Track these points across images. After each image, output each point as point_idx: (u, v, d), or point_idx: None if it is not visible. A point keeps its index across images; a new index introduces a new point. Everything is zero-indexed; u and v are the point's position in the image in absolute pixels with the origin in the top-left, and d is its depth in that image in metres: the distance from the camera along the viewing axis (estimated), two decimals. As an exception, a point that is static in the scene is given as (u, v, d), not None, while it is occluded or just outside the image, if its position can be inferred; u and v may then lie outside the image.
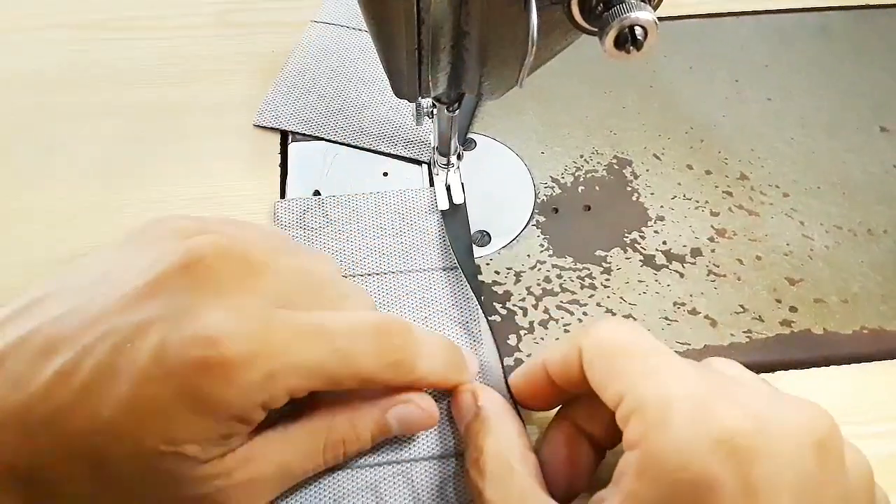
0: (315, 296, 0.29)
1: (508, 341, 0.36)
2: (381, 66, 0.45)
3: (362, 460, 0.31)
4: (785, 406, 0.24)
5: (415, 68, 0.29)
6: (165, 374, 0.25)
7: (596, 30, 0.23)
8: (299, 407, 0.29)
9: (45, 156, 0.42)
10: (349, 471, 0.31)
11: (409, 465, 0.32)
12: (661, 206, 0.41)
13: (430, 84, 0.30)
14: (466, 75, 0.30)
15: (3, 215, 0.40)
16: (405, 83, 0.30)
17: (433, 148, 0.39)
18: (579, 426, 0.29)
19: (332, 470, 0.31)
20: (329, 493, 0.31)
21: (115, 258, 0.29)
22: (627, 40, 0.22)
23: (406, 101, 0.43)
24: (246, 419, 0.26)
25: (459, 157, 0.39)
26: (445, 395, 0.33)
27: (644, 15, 0.22)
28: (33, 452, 0.25)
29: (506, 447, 0.29)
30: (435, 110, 0.36)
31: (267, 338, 0.26)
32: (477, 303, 0.35)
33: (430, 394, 0.31)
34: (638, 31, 0.22)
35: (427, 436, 0.32)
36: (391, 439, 0.32)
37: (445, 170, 0.39)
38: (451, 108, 0.34)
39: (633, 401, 0.25)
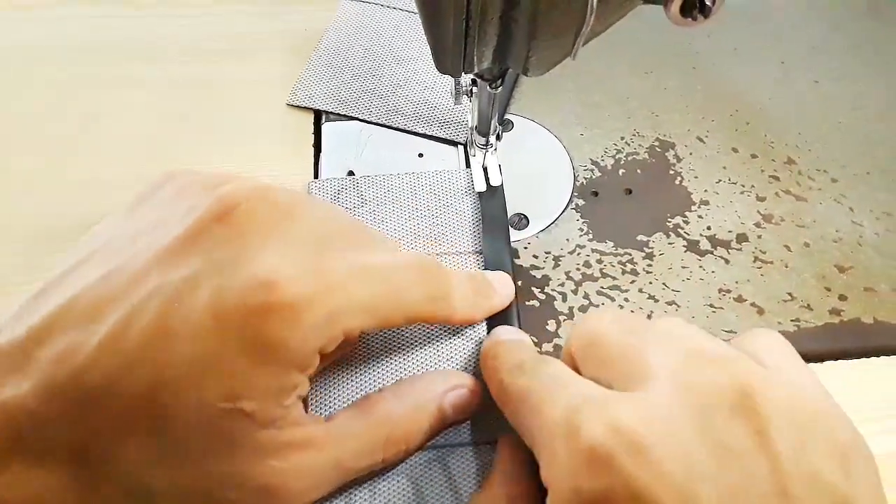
0: (348, 237, 0.28)
1: (547, 327, 0.35)
2: (416, 44, 0.45)
3: None
4: (685, 376, 0.23)
5: (461, 41, 0.28)
6: (224, 325, 0.24)
7: (659, -3, 0.22)
8: (358, 405, 0.29)
9: (79, 129, 0.42)
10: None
11: (444, 451, 0.31)
12: (706, 191, 0.39)
13: (476, 58, 0.29)
14: (513, 49, 0.29)
15: (40, 184, 0.39)
16: (449, 57, 0.29)
17: (471, 128, 0.38)
18: None
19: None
20: (364, 476, 0.30)
21: (143, 215, 0.28)
22: (696, 6, 0.20)
23: (442, 79, 0.42)
24: (304, 366, 0.25)
25: (499, 138, 0.38)
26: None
27: (713, -20, 0.20)
28: (86, 424, 0.24)
29: (528, 348, 0.30)
30: (475, 88, 0.35)
31: (322, 278, 0.25)
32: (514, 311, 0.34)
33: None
34: (705, -4, 0.21)
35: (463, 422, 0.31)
36: None
37: (483, 151, 0.38)
38: (493, 85, 0.33)
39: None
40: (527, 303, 0.35)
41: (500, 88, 0.33)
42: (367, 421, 0.28)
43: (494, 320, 0.32)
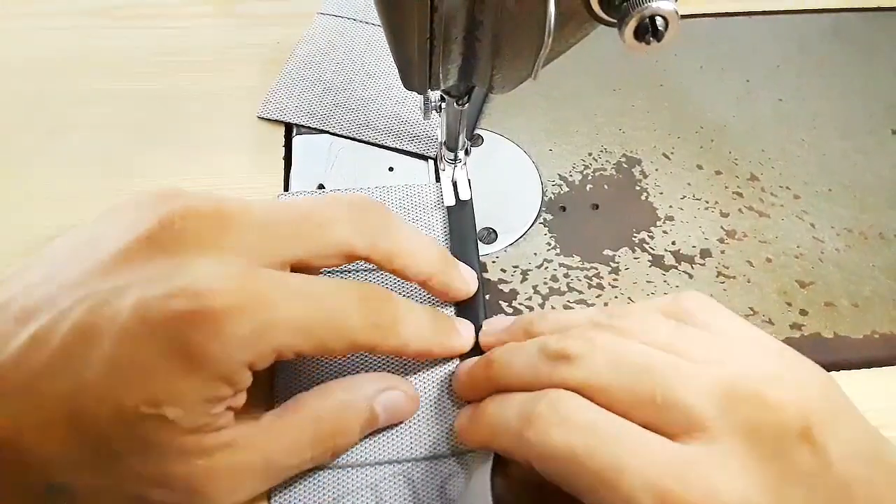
0: (294, 237, 0.28)
1: (514, 340, 0.35)
2: (388, 59, 0.45)
3: (362, 457, 0.31)
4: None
5: (426, 59, 0.28)
6: (148, 330, 0.24)
7: (615, 20, 0.22)
8: (286, 405, 0.29)
9: (46, 142, 0.41)
10: (349, 470, 0.31)
11: (409, 465, 0.31)
12: (671, 206, 0.40)
13: (441, 76, 0.30)
14: (478, 67, 0.29)
15: (2, 199, 0.39)
16: (415, 75, 0.30)
17: (440, 143, 0.39)
18: None
19: (331, 468, 0.30)
20: (329, 491, 0.30)
21: (92, 230, 0.28)
22: (648, 31, 0.21)
23: (414, 94, 0.43)
24: (231, 380, 0.25)
25: (467, 153, 0.38)
26: (437, 394, 0.32)
27: (665, 5, 0.21)
28: (9, 417, 0.24)
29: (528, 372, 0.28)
30: (443, 104, 0.35)
31: (253, 292, 0.25)
32: (480, 300, 0.35)
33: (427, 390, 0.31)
34: (659, 21, 0.21)
35: (426, 435, 0.32)
36: (390, 439, 0.31)
37: (452, 165, 0.38)
38: (460, 102, 0.33)
39: None
40: (495, 317, 0.35)
41: (466, 105, 0.33)
42: (293, 419, 0.28)
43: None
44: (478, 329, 0.33)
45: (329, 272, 0.35)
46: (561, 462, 0.24)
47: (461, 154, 0.38)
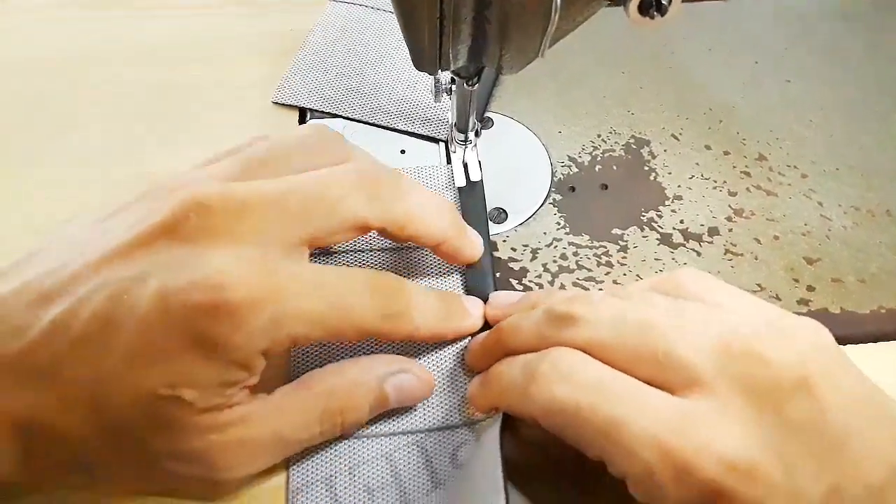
0: (308, 214, 0.28)
1: (524, 317, 0.36)
2: (399, 45, 0.46)
3: (377, 429, 0.32)
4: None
5: (436, 40, 0.29)
6: (168, 319, 0.25)
7: (619, -3, 0.23)
8: (299, 381, 0.30)
9: (59, 132, 0.42)
10: (364, 440, 0.32)
11: (422, 435, 0.32)
12: (679, 186, 0.41)
13: (451, 57, 0.30)
14: (487, 47, 0.30)
15: (18, 190, 0.40)
16: (425, 56, 0.30)
17: (451, 125, 0.39)
18: None
19: (347, 439, 0.31)
20: (345, 460, 0.31)
21: (103, 219, 0.29)
22: (651, 5, 0.22)
23: (425, 76, 0.44)
24: (247, 366, 0.26)
25: (477, 134, 0.39)
26: (451, 368, 0.33)
27: (668, -20, 0.22)
28: (32, 400, 0.25)
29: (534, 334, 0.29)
30: (453, 86, 0.36)
31: (270, 284, 0.26)
32: (491, 281, 0.35)
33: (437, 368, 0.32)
34: (662, -5, 0.22)
35: (438, 407, 0.32)
36: (404, 412, 0.32)
37: (463, 147, 0.39)
38: (470, 83, 0.34)
39: (616, 471, 0.25)
40: (501, 291, 0.36)
41: (476, 86, 0.34)
42: (304, 395, 0.29)
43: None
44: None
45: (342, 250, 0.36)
46: (564, 416, 0.25)
47: (471, 135, 0.38)
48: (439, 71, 0.32)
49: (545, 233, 0.39)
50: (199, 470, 0.27)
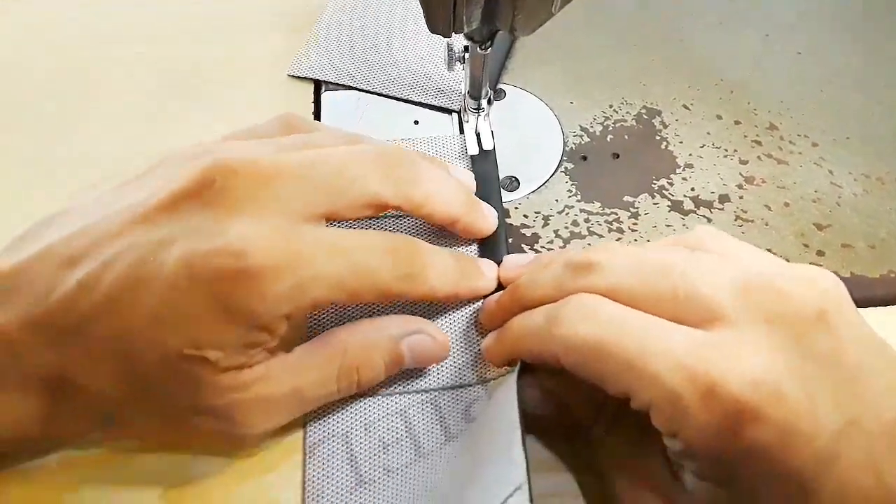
0: (331, 188, 0.29)
1: (537, 280, 0.36)
2: (412, 20, 0.46)
3: (392, 388, 0.32)
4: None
5: (449, 2, 0.30)
6: (192, 284, 0.25)
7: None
8: (317, 339, 0.30)
9: (79, 106, 0.43)
10: (379, 398, 0.32)
11: (436, 393, 0.33)
12: (690, 155, 0.41)
13: (465, 19, 0.31)
14: (500, 8, 0.30)
15: (41, 162, 0.41)
16: (440, 18, 0.31)
17: (464, 94, 0.40)
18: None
19: (363, 396, 0.32)
20: (360, 417, 0.32)
21: (129, 182, 0.30)
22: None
23: (438, 51, 0.44)
24: (270, 329, 0.27)
25: (490, 102, 0.39)
26: (465, 329, 0.34)
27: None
28: (60, 357, 0.26)
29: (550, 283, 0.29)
30: (466, 55, 0.37)
31: (292, 250, 0.26)
32: (503, 247, 0.36)
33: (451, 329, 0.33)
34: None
35: (452, 367, 0.33)
36: (419, 372, 0.33)
37: (476, 115, 0.40)
38: (483, 47, 0.34)
39: (639, 402, 0.25)
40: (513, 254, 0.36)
41: (489, 50, 0.34)
42: (322, 352, 0.30)
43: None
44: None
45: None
46: (588, 352, 0.25)
47: (484, 103, 0.39)
48: (453, 34, 0.32)
49: (557, 200, 0.39)
50: (222, 425, 0.28)
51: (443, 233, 0.37)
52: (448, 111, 0.43)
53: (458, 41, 0.37)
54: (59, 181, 0.40)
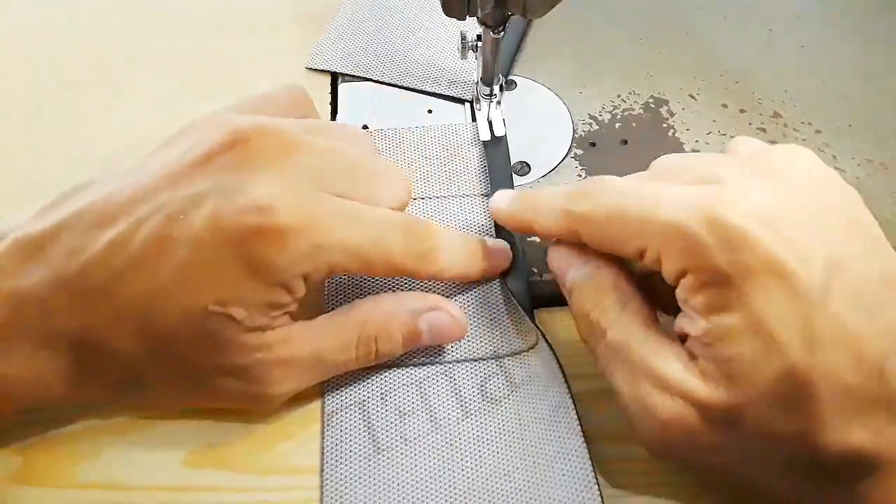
0: (349, 176, 0.30)
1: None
2: (426, 14, 0.48)
3: (409, 360, 0.33)
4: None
5: (465, -16, 0.31)
6: (220, 239, 0.27)
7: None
8: (339, 309, 0.31)
9: (103, 98, 0.44)
10: (396, 369, 0.33)
11: (452, 365, 0.33)
12: (697, 142, 0.42)
13: (479, 2, 0.32)
14: (513, -9, 0.32)
15: (63, 154, 0.42)
16: (455, 1, 0.32)
17: (476, 83, 0.41)
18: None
19: (380, 368, 0.33)
20: (377, 386, 0.33)
21: (157, 150, 0.31)
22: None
23: (451, 44, 0.45)
24: (289, 288, 0.28)
25: (502, 89, 0.41)
26: (480, 301, 0.35)
27: None
28: (87, 315, 0.27)
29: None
30: (479, 43, 0.38)
31: (314, 214, 0.28)
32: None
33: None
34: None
35: (467, 341, 0.34)
36: (435, 347, 0.34)
37: (488, 102, 0.41)
38: (496, 32, 0.35)
39: (653, 253, 0.27)
40: (528, 238, 0.37)
41: (502, 34, 0.36)
42: (342, 319, 0.31)
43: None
44: (514, 253, 0.36)
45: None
46: (608, 220, 0.28)
47: (496, 89, 0.40)
48: (467, 18, 0.34)
49: (566, 184, 0.40)
50: (244, 385, 0.29)
51: (456, 217, 0.38)
52: (461, 101, 0.44)
53: (472, 30, 0.38)
54: (81, 175, 0.41)
